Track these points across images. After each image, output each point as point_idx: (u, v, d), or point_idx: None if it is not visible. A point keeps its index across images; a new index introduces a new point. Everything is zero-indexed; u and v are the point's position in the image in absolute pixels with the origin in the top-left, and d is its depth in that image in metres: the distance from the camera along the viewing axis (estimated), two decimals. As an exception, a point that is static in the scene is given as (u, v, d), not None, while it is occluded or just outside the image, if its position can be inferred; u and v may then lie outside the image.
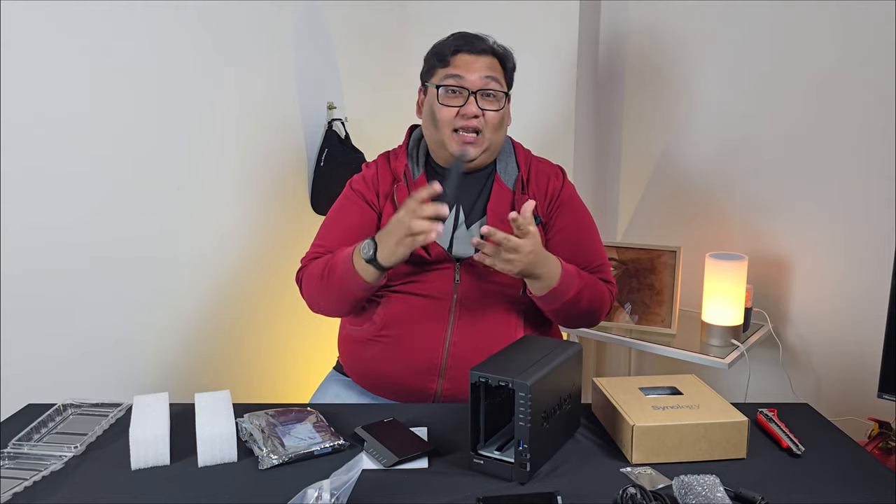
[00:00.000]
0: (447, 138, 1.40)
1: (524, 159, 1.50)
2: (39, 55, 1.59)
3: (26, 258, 1.61)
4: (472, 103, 1.38)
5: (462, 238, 1.43)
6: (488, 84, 1.39)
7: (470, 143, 1.39)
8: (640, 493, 0.97)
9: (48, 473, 1.08)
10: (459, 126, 1.39)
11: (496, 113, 1.40)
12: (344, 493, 0.92)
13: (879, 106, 1.92)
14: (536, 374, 1.06)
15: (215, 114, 1.98)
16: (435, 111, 1.41)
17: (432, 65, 1.44)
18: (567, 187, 1.50)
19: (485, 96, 1.39)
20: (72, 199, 1.68)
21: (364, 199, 1.48)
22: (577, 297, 1.36)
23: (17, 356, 1.61)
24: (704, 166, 2.25)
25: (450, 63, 1.40)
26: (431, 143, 1.46)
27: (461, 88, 1.38)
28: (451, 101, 1.39)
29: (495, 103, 1.40)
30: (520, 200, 1.43)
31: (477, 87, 1.38)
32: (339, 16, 2.30)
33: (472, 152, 1.40)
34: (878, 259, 1.93)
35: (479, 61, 1.40)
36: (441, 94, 1.40)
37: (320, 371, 1.66)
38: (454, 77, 1.39)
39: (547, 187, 1.47)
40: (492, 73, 1.40)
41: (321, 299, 1.43)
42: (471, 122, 1.38)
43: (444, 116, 1.39)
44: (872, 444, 1.75)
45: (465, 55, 1.40)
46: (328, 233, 1.49)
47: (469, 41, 1.41)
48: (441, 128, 1.40)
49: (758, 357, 2.14)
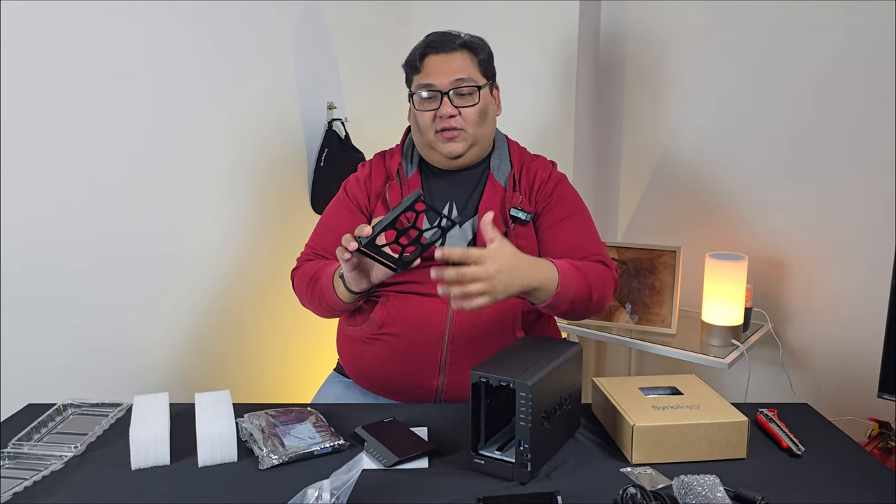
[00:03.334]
0: (432, 141, 1.43)
1: (518, 157, 1.50)
2: (39, 55, 1.59)
3: (26, 258, 1.61)
4: (447, 104, 1.40)
5: (454, 236, 1.44)
6: (459, 84, 1.41)
7: (453, 139, 1.41)
8: (640, 493, 0.97)
9: (48, 473, 1.08)
10: (439, 128, 1.41)
11: (473, 108, 1.42)
12: (344, 493, 0.92)
13: (879, 106, 1.92)
14: (537, 374, 1.06)
15: (215, 114, 1.98)
16: (417, 118, 1.44)
17: (408, 73, 1.48)
18: (554, 176, 1.49)
19: (458, 95, 1.41)
20: (72, 199, 1.68)
21: (356, 203, 1.50)
22: (582, 290, 1.30)
23: (17, 356, 1.61)
24: (704, 166, 2.25)
25: (420, 69, 1.43)
26: (421, 148, 1.49)
27: (434, 92, 1.41)
28: (428, 105, 1.42)
29: (470, 99, 1.42)
30: (511, 197, 1.44)
31: (447, 87, 1.40)
32: (339, 16, 2.30)
33: (457, 148, 1.42)
34: (878, 259, 1.93)
35: (448, 61, 1.41)
36: (417, 101, 1.43)
37: (320, 371, 1.66)
38: (426, 85, 1.42)
39: (534, 180, 1.47)
40: (461, 72, 1.41)
41: (308, 304, 1.47)
42: (448, 123, 1.40)
43: (424, 122, 1.43)
44: (872, 444, 1.75)
45: (432, 57, 1.42)
46: (320, 235, 1.52)
47: (435, 42, 1.43)
48: (424, 132, 1.44)
49: (758, 357, 2.14)
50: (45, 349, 1.66)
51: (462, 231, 1.44)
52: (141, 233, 1.83)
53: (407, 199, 1.14)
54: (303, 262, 1.50)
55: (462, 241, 1.44)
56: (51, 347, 1.67)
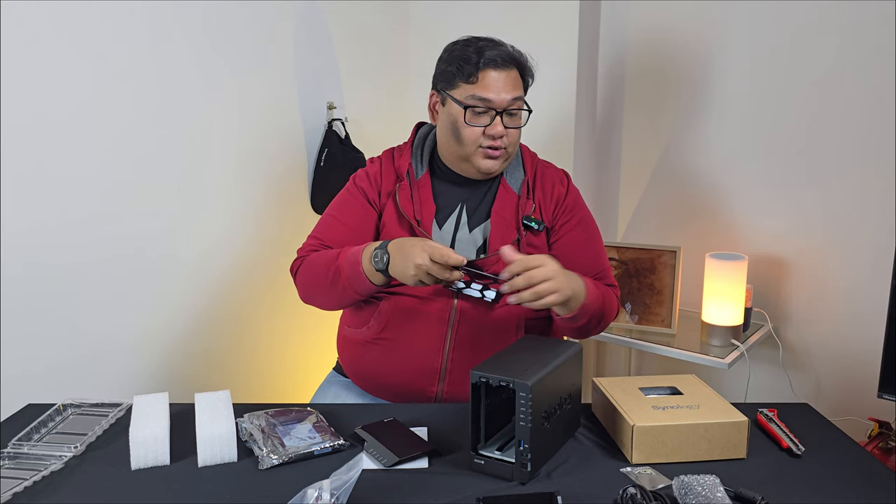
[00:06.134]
0: (472, 155, 1.39)
1: (531, 163, 1.49)
2: (39, 55, 1.59)
3: (26, 258, 1.61)
4: (499, 124, 1.36)
5: (464, 241, 1.42)
6: (514, 104, 1.38)
7: (495, 157, 1.39)
8: (640, 493, 0.97)
9: (48, 473, 1.08)
10: (486, 144, 1.38)
11: (519, 129, 1.41)
12: (344, 493, 0.92)
13: (879, 106, 1.92)
14: (537, 375, 1.06)
15: (215, 114, 1.98)
16: (460, 129, 1.37)
17: (453, 74, 1.38)
18: (572, 192, 1.49)
19: (509, 115, 1.38)
20: (72, 198, 1.68)
21: (366, 196, 1.46)
22: (600, 307, 1.35)
23: (17, 356, 1.61)
24: (704, 166, 2.25)
25: (477, 81, 1.35)
26: (452, 156, 1.43)
27: (489, 108, 1.36)
28: (478, 120, 1.37)
29: (519, 120, 1.40)
30: (524, 205, 1.42)
31: (504, 107, 1.36)
32: (339, 16, 2.30)
33: (497, 167, 1.41)
34: (878, 259, 1.93)
35: (506, 79, 1.36)
36: (469, 114, 1.36)
37: (320, 371, 1.66)
38: (483, 100, 1.35)
39: (552, 192, 1.46)
40: (517, 91, 1.38)
41: (318, 294, 1.42)
42: (497, 142, 1.37)
43: (469, 136, 1.37)
44: (872, 444, 1.75)
45: (492, 72, 1.35)
46: (328, 227, 1.47)
47: (495, 56, 1.36)
48: (466, 145, 1.38)
49: (758, 357, 2.14)
50: (46, 349, 1.66)
51: (472, 237, 1.42)
52: (141, 232, 1.83)
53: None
54: (307, 252, 1.46)
55: (472, 246, 1.42)
56: (51, 347, 1.67)
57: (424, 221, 1.41)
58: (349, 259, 1.33)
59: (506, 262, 1.21)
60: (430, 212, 1.43)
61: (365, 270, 1.30)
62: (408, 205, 1.42)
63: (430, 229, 1.41)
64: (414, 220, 1.40)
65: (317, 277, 1.39)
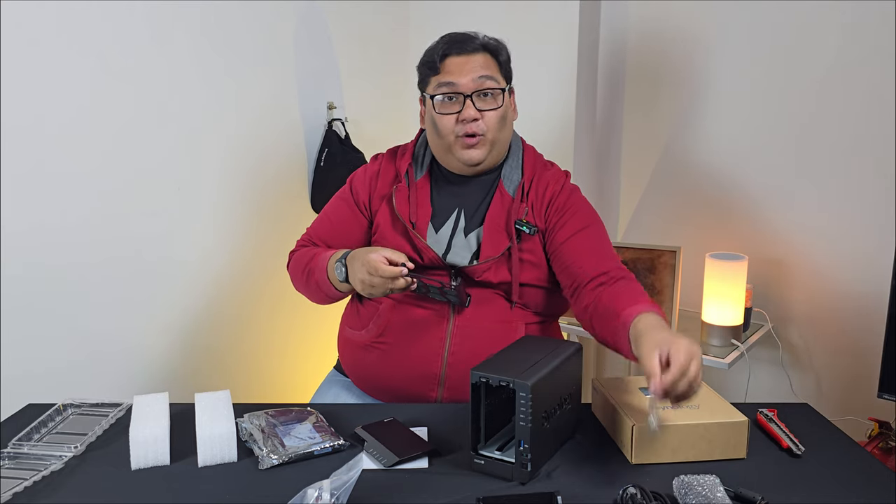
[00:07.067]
0: (452, 146, 1.38)
1: (531, 165, 1.45)
2: (40, 56, 1.59)
3: (26, 258, 1.61)
4: (470, 107, 1.34)
5: (459, 246, 1.40)
6: (483, 84, 1.35)
7: (473, 146, 1.37)
8: (640, 493, 0.97)
9: (48, 473, 1.08)
10: (461, 132, 1.36)
11: (496, 111, 1.37)
12: (344, 493, 0.92)
13: (880, 105, 1.92)
14: (537, 374, 1.06)
15: (215, 114, 1.98)
16: (436, 121, 1.38)
17: (425, 74, 1.40)
18: (566, 189, 1.43)
19: (481, 96, 1.36)
20: (72, 199, 1.68)
21: (357, 200, 1.47)
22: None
23: (17, 356, 1.61)
24: (705, 166, 2.25)
25: (440, 69, 1.36)
26: (439, 152, 1.43)
27: (456, 94, 1.35)
28: (449, 108, 1.36)
29: (493, 102, 1.37)
30: (517, 209, 1.39)
31: (471, 89, 1.35)
32: (339, 16, 2.30)
33: (477, 155, 1.38)
34: (878, 259, 1.93)
35: (470, 61, 1.36)
36: (437, 103, 1.37)
37: (320, 371, 1.66)
38: (447, 84, 1.35)
39: (545, 193, 1.42)
40: (485, 71, 1.36)
41: (301, 290, 1.49)
42: (470, 127, 1.35)
43: (444, 126, 1.37)
44: (872, 444, 1.75)
45: (454, 58, 1.36)
46: (320, 225, 1.53)
47: (456, 42, 1.37)
48: (444, 137, 1.38)
49: (758, 357, 2.14)
50: (46, 349, 1.66)
51: (467, 242, 1.40)
52: (141, 233, 1.83)
53: (434, 290, 1.30)
54: (300, 245, 1.53)
55: (467, 251, 1.39)
56: (51, 348, 1.67)
57: (419, 224, 1.40)
58: (319, 265, 1.39)
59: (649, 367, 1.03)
60: (426, 214, 1.41)
61: (330, 278, 1.36)
62: (404, 207, 1.41)
63: (426, 232, 1.40)
64: (409, 223, 1.39)
65: (298, 273, 1.47)
